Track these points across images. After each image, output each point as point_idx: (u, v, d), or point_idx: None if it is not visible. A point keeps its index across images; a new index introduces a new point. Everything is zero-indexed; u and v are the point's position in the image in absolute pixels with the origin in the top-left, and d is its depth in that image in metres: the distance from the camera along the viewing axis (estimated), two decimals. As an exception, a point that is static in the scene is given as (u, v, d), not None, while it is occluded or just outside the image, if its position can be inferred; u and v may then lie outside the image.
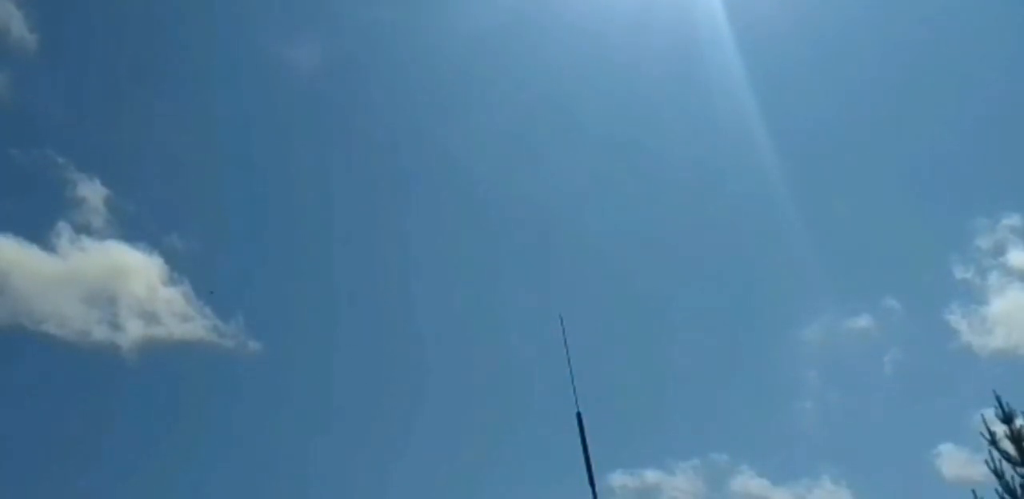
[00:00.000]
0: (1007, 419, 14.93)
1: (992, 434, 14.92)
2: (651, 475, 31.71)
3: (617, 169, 38.80)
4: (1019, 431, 14.74)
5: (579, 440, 11.28)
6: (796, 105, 38.14)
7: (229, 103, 38.54)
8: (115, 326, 31.94)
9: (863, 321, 35.25)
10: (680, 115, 38.63)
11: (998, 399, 15.05)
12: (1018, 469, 14.52)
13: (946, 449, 30.89)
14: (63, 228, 32.29)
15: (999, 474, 14.53)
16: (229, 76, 38.92)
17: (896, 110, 37.44)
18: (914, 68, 38.17)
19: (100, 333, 31.69)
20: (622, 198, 38.43)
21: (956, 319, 33.70)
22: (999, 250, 33.90)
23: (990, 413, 15.12)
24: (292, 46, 37.41)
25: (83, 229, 32.83)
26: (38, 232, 32.02)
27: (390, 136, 38.68)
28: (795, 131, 37.60)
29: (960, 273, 34.39)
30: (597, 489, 10.95)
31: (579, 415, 11.49)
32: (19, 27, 33.03)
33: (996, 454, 14.72)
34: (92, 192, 33.29)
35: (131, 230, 33.96)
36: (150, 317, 32.55)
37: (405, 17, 37.01)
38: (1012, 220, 33.52)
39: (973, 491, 14.68)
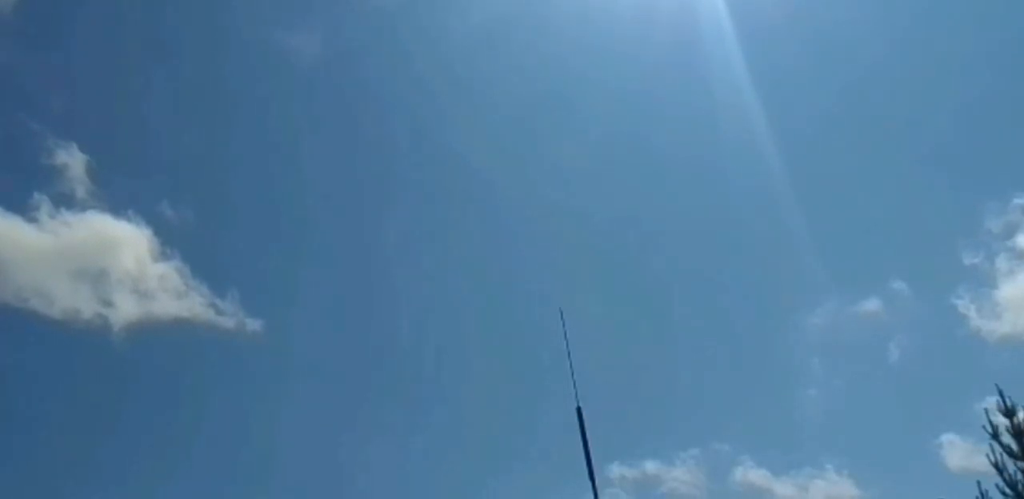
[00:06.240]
0: (1009, 413, 14.75)
1: (994, 427, 14.77)
2: (651, 466, 31.60)
3: (619, 158, 38.61)
4: (1021, 425, 14.59)
5: (579, 435, 11.21)
6: (801, 90, 37.80)
7: (223, 69, 37.34)
8: (105, 303, 30.87)
9: (870, 305, 34.97)
10: (683, 103, 38.40)
11: (1000, 392, 14.91)
12: (1019, 464, 14.37)
13: (951, 439, 30.74)
14: (41, 200, 30.83)
15: (1000, 468, 14.39)
16: (221, 43, 37.83)
17: (902, 93, 37.04)
18: (920, 51, 37.86)
19: (89, 311, 30.61)
20: (624, 184, 38.24)
21: (964, 304, 33.29)
22: (1009, 232, 33.45)
23: (992, 404, 14.93)
24: (289, 24, 36.93)
25: (64, 200, 31.31)
26: (17, 204, 30.74)
27: (390, 122, 38.40)
28: (800, 115, 37.37)
29: (969, 256, 33.94)
30: (597, 484, 10.91)
31: (579, 410, 11.40)
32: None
33: (998, 448, 14.58)
34: (72, 159, 31.80)
35: (116, 200, 32.53)
36: (141, 294, 31.42)
37: (406, 6, 36.64)
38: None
39: (978, 482, 14.54)
